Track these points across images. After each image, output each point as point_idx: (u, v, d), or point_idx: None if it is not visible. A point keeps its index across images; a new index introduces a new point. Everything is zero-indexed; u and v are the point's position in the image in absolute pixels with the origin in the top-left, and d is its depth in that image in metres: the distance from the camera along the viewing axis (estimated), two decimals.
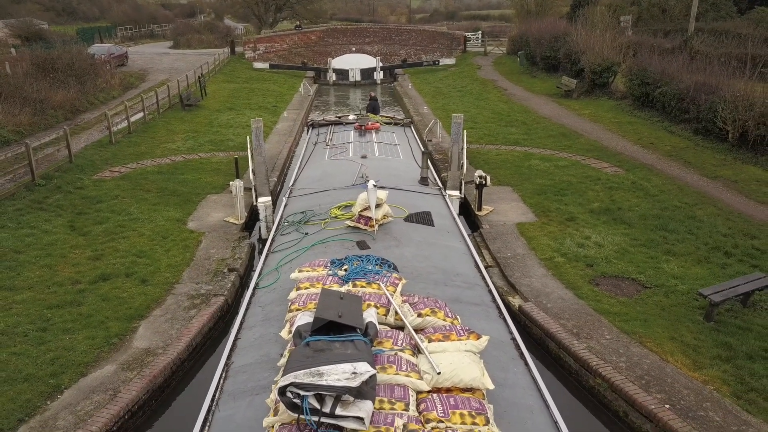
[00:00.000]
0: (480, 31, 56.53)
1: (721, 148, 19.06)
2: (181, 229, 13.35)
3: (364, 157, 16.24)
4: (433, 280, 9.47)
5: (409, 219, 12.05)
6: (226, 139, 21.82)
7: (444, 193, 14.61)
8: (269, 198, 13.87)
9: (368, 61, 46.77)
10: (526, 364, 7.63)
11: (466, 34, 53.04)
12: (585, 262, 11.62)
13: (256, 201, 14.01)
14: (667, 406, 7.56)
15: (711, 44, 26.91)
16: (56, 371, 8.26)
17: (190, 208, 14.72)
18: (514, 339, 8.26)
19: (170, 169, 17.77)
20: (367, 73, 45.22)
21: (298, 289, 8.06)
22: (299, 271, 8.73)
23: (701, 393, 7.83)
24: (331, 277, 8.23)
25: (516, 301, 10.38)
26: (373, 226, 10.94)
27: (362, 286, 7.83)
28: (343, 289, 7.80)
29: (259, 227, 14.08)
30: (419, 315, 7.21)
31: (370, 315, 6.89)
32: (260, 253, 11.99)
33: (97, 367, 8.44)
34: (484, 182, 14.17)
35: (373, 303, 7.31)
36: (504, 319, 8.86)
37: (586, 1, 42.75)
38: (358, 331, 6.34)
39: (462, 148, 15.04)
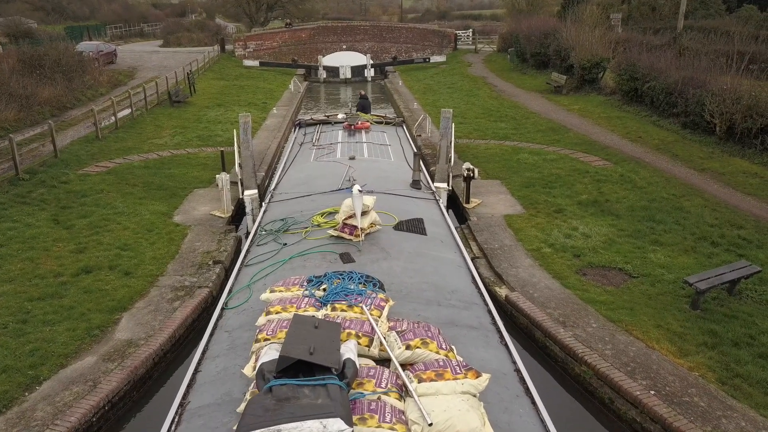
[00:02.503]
0: (471, 29, 56.53)
1: (708, 141, 19.11)
2: (167, 223, 13.23)
3: (352, 158, 15.33)
4: (425, 298, 8.49)
5: (399, 227, 11.00)
6: (214, 134, 21.69)
7: (437, 198, 13.67)
8: (256, 191, 13.76)
9: (359, 58, 46.75)
10: (534, 402, 6.54)
11: (457, 32, 53.05)
12: (572, 252, 11.59)
13: (243, 194, 13.89)
14: (653, 392, 7.53)
15: (700, 41, 27.01)
16: (35, 363, 8.13)
17: (177, 202, 14.60)
18: (518, 370, 7.18)
19: (157, 164, 17.64)
20: (357, 70, 45.21)
21: (268, 313, 7.01)
22: (271, 292, 7.70)
23: (687, 379, 7.80)
24: (306, 299, 7.21)
25: (503, 291, 10.33)
26: (358, 235, 9.93)
27: (342, 310, 6.88)
28: (320, 313, 6.86)
29: (246, 221, 13.96)
30: (408, 347, 6.18)
31: (349, 349, 5.90)
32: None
33: (78, 358, 8.32)
34: (472, 175, 14.13)
35: (354, 332, 6.33)
36: (506, 345, 7.73)
37: None
38: (334, 371, 5.40)
39: (450, 142, 14.99)
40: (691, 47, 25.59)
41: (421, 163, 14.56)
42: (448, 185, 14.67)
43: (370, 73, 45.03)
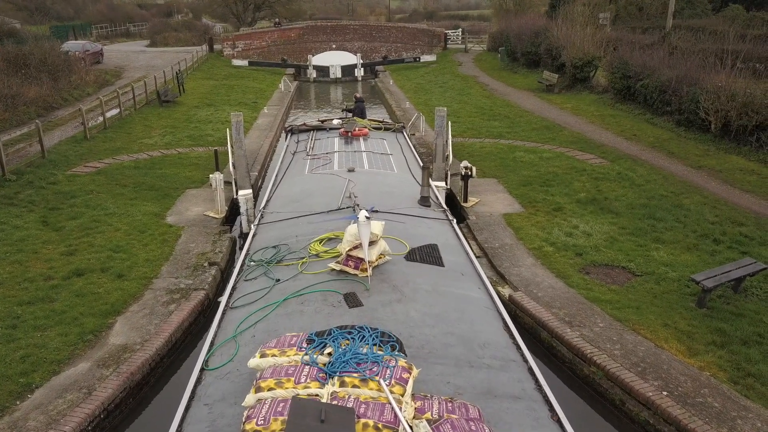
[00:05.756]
0: (460, 29, 56.51)
1: (704, 138, 19.09)
2: (160, 224, 12.90)
3: (351, 170, 14.05)
4: (453, 358, 6.98)
5: (411, 256, 9.57)
6: (205, 134, 21.34)
7: (451, 218, 12.36)
8: (250, 191, 13.47)
9: (349, 58, 46.56)
10: None
11: (447, 31, 52.98)
12: (574, 251, 11.44)
13: (237, 194, 13.60)
14: (665, 393, 7.37)
15: (689, 40, 27.07)
16: (27, 369, 7.82)
17: (169, 202, 14.27)
18: None
19: (147, 164, 17.28)
20: (347, 70, 45.04)
21: (258, 389, 5.56)
22: (261, 356, 6.17)
23: (698, 379, 7.65)
24: (307, 369, 5.80)
25: (506, 291, 10.13)
26: (365, 270, 8.51)
27: (354, 386, 5.50)
28: (325, 392, 5.45)
29: (240, 221, 13.68)
30: None
31: None
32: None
33: (71, 364, 8.01)
34: (469, 173, 13.95)
35: (372, 422, 4.90)
36: (559, 421, 6.25)
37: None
38: None
39: (447, 140, 14.79)
40: (681, 46, 25.62)
41: (429, 178, 13.23)
42: (446, 184, 14.48)
43: (360, 72, 44.86)
